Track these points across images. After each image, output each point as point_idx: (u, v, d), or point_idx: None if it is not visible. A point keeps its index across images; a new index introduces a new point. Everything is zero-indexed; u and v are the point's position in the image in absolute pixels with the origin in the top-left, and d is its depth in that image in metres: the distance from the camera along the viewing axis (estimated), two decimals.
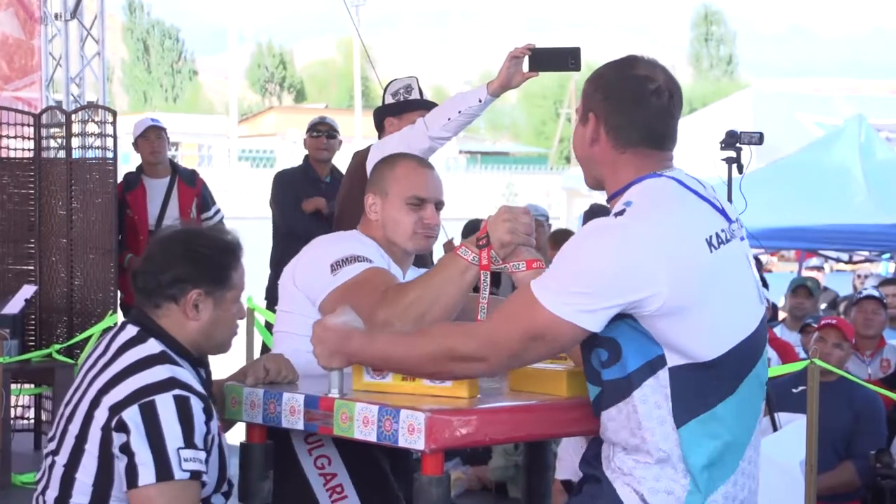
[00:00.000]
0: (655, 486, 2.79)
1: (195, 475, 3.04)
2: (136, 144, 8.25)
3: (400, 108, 5.58)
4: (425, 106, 5.50)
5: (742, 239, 2.90)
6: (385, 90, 5.70)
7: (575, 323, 2.73)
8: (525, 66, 4.98)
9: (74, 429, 3.13)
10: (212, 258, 3.25)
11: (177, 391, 3.07)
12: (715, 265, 2.77)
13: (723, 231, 2.83)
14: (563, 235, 7.98)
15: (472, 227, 9.26)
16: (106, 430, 3.06)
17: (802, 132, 18.34)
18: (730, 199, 6.64)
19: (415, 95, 5.62)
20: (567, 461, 6.07)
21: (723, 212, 2.88)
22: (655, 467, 2.79)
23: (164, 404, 3.04)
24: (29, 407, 8.38)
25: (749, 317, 2.86)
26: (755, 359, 2.86)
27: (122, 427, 3.03)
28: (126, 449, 3.03)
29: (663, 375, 2.77)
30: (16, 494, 7.05)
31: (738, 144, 6.67)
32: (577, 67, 4.79)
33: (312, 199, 7.94)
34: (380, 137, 5.60)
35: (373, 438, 2.96)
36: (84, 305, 8.00)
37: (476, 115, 5.15)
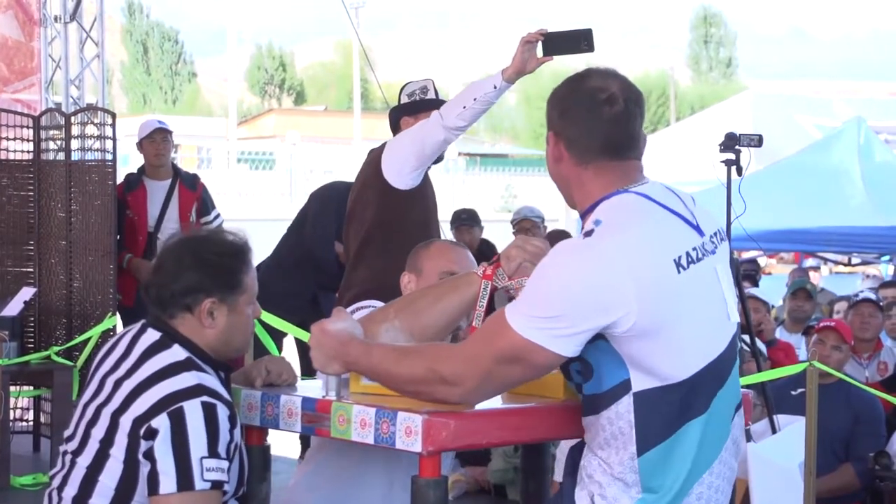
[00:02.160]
0: (606, 492, 2.81)
1: (216, 485, 3.04)
2: (140, 145, 8.25)
3: (415, 107, 5.58)
4: (440, 106, 5.51)
5: (714, 253, 2.88)
6: (401, 91, 5.72)
7: (548, 348, 2.73)
8: (539, 52, 4.98)
9: (99, 433, 3.13)
10: (221, 264, 3.24)
11: (205, 398, 3.07)
12: (683, 286, 2.77)
13: (694, 249, 2.82)
14: (558, 236, 7.97)
15: (461, 213, 9.34)
16: (133, 437, 3.06)
17: (801, 134, 18.37)
18: (729, 202, 6.64)
19: (430, 96, 5.63)
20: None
21: (696, 227, 2.87)
22: (610, 477, 2.82)
23: (192, 411, 3.04)
24: (28, 409, 8.38)
25: (717, 337, 2.86)
26: (724, 378, 2.87)
27: (150, 434, 3.04)
28: (150, 455, 3.03)
29: (627, 401, 2.78)
30: (15, 497, 7.04)
31: (737, 147, 6.68)
32: (590, 49, 4.78)
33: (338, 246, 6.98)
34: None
35: (370, 441, 2.96)
36: (83, 307, 8.00)
37: (491, 102, 5.13)
